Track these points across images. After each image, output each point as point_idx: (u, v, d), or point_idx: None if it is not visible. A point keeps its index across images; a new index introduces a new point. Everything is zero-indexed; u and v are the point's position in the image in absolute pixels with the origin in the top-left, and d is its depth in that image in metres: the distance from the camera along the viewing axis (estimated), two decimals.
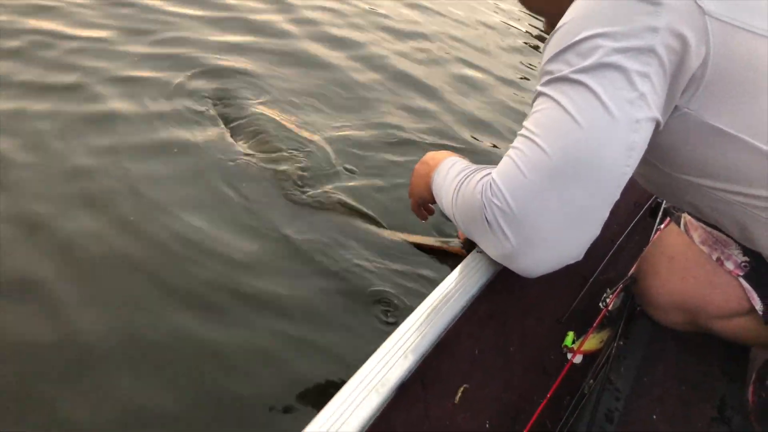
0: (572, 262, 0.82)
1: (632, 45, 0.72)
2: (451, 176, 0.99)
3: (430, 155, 1.15)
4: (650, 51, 0.72)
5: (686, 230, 1.16)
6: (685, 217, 1.18)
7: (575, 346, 1.09)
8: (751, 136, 0.76)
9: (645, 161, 0.89)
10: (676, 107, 0.78)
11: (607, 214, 0.80)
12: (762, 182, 0.79)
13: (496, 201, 0.79)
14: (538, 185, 0.76)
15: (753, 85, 0.74)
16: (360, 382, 0.70)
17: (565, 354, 1.10)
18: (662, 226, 1.46)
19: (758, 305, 1.03)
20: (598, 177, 0.75)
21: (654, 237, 1.42)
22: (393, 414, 0.72)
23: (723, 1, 0.73)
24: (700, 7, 0.71)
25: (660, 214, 1.52)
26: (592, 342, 1.14)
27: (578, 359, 1.10)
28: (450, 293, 0.87)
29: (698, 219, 1.12)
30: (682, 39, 0.72)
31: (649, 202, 1.64)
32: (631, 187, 1.54)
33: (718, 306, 1.09)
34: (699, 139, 0.80)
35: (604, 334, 1.17)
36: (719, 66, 0.73)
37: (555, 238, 0.78)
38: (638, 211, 1.59)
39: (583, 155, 0.74)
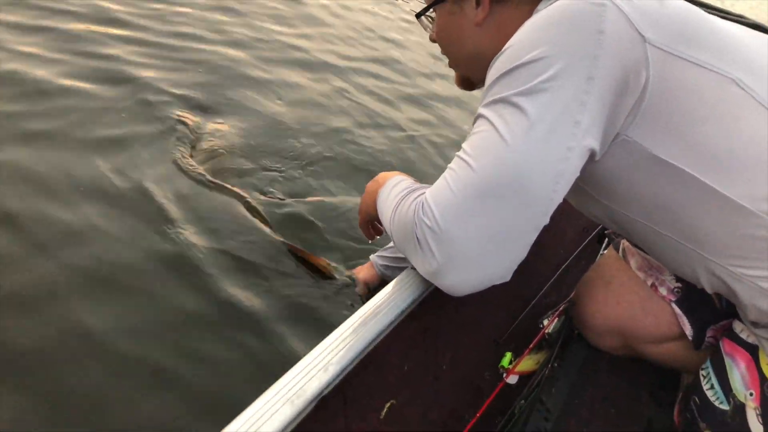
0: (498, 282, 0.82)
1: (572, 72, 0.73)
2: (393, 194, 1.00)
3: (382, 174, 1.15)
4: (589, 79, 0.73)
5: (624, 256, 1.19)
6: (624, 243, 1.20)
7: (511, 367, 1.10)
8: (687, 165, 0.77)
9: (580, 190, 0.90)
10: (616, 134, 0.78)
11: (533, 238, 0.80)
12: (696, 211, 0.80)
13: (426, 220, 0.79)
14: (465, 204, 0.76)
15: (690, 113, 0.75)
16: (276, 393, 0.69)
17: (501, 374, 1.11)
18: (605, 251, 1.49)
19: (688, 330, 1.05)
20: (524, 200, 0.75)
21: None
22: (309, 427, 0.71)
23: (663, 31, 0.75)
24: (641, 35, 0.73)
25: (606, 240, 1.55)
26: (528, 363, 1.15)
27: (513, 379, 1.11)
28: (379, 308, 0.87)
29: (635, 245, 1.15)
30: (623, 67, 0.73)
31: (598, 228, 1.67)
32: (579, 213, 1.58)
33: (650, 331, 1.11)
34: (636, 167, 0.81)
35: (540, 356, 1.18)
36: (658, 94, 0.75)
37: (479, 258, 0.78)
38: (585, 237, 1.62)
39: (509, 176, 0.74)
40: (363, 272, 1.72)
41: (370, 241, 1.45)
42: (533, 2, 0.89)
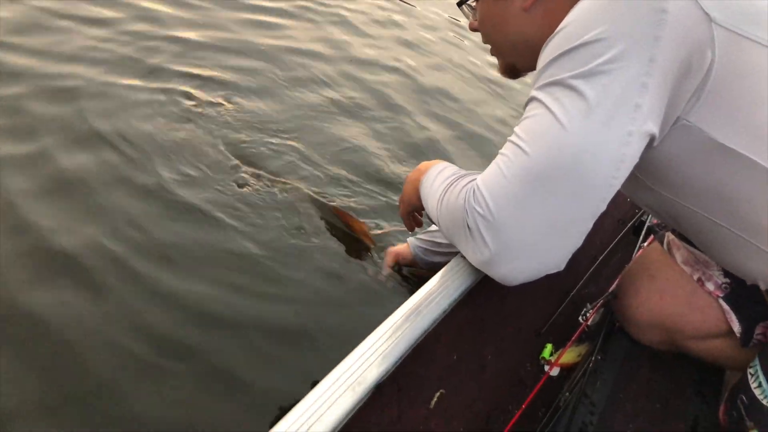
0: (552, 272, 0.81)
1: (633, 53, 0.70)
2: (438, 181, 0.99)
3: (424, 163, 1.14)
4: (651, 61, 0.70)
5: (669, 249, 1.17)
6: (669, 236, 1.18)
7: (553, 359, 1.09)
8: (750, 151, 0.74)
9: (633, 177, 0.88)
10: (677, 118, 0.76)
11: (590, 226, 0.78)
12: (758, 201, 0.78)
13: (478, 208, 0.78)
14: (521, 191, 0.75)
15: (755, 95, 0.73)
16: (335, 380, 0.69)
17: (542, 366, 1.10)
18: (645, 244, 1.47)
19: (736, 327, 1.03)
20: (583, 187, 0.74)
21: (636, 254, 1.43)
22: (367, 414, 0.71)
23: (728, 10, 0.72)
24: (707, 14, 0.70)
25: (643, 232, 1.53)
26: (570, 355, 1.14)
27: (555, 372, 1.10)
28: (431, 297, 0.86)
29: (681, 238, 1.13)
30: (687, 48, 0.70)
31: (633, 219, 1.65)
32: (616, 203, 1.56)
33: (695, 326, 1.09)
34: (696, 153, 0.78)
35: (582, 349, 1.17)
36: (722, 75, 0.72)
37: (534, 247, 0.77)
38: (622, 229, 1.60)
39: (568, 162, 0.72)
40: (400, 251, 1.71)
41: (410, 232, 1.44)
42: None
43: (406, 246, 1.67)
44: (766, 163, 0.74)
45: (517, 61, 1.05)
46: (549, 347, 1.12)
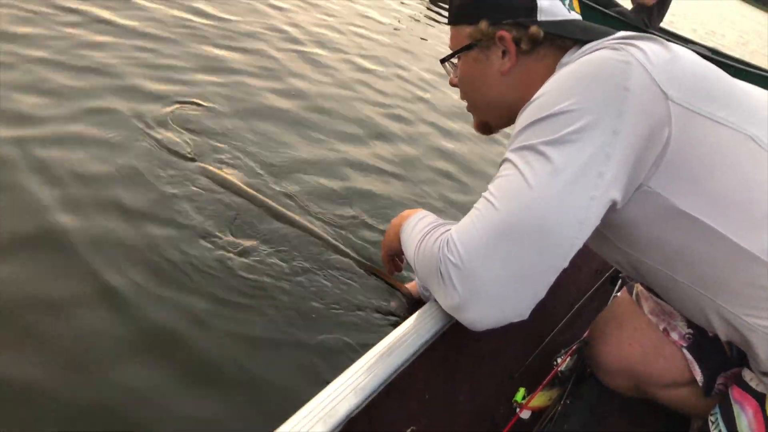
0: (516, 320, 0.86)
1: (599, 126, 0.78)
2: (417, 229, 1.05)
3: (407, 211, 1.21)
4: (615, 133, 0.78)
5: (637, 299, 1.22)
6: (637, 287, 1.24)
7: (524, 402, 1.13)
8: (706, 216, 0.81)
9: (601, 235, 0.95)
10: (639, 185, 0.83)
11: (552, 280, 0.84)
12: (714, 262, 0.84)
13: (450, 256, 0.84)
14: (488, 242, 0.81)
15: (709, 166, 0.80)
16: (309, 413, 0.73)
17: (515, 409, 1.14)
18: (619, 293, 1.52)
19: (699, 377, 1.08)
20: (545, 243, 0.80)
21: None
22: None
23: (685, 89, 0.80)
24: (664, 93, 0.79)
25: (619, 282, 1.58)
26: (541, 399, 1.18)
27: (526, 414, 1.14)
28: (405, 336, 0.91)
29: (649, 290, 1.18)
30: (647, 123, 0.78)
31: (611, 271, 1.70)
32: (593, 255, 1.61)
33: (660, 374, 1.13)
34: (656, 216, 0.85)
35: (553, 393, 1.21)
36: (679, 148, 0.80)
37: (499, 296, 0.83)
38: (599, 278, 1.65)
39: (533, 220, 0.79)
40: (412, 286, 1.78)
41: (390, 275, 1.50)
42: (556, 56, 0.97)
43: (413, 284, 1.75)
44: (720, 228, 0.81)
45: (491, 119, 1.13)
46: (522, 391, 1.16)
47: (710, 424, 1.02)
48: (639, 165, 0.80)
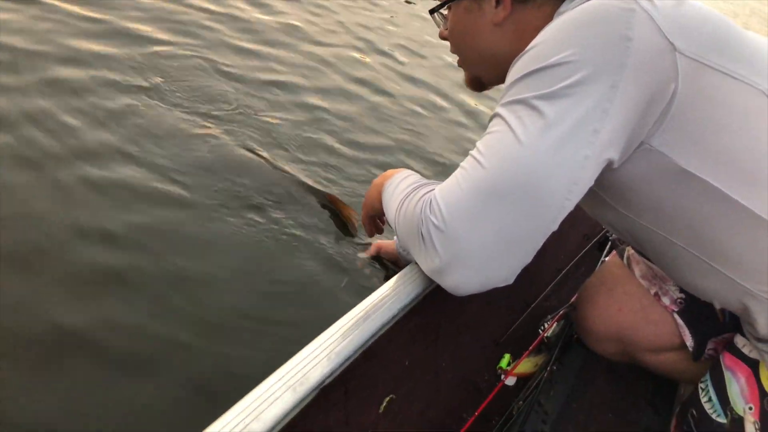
0: (501, 285, 0.81)
1: (596, 79, 0.71)
2: (400, 189, 0.99)
3: (389, 170, 1.15)
4: (613, 87, 0.71)
5: (628, 263, 1.18)
6: (629, 251, 1.20)
7: (509, 368, 1.10)
8: (710, 176, 0.76)
9: (596, 196, 0.89)
10: (640, 143, 0.77)
11: (539, 244, 0.78)
12: (716, 224, 0.79)
13: (432, 218, 0.78)
14: (474, 204, 0.75)
15: (717, 123, 0.74)
16: (278, 380, 0.68)
17: (499, 375, 1.10)
18: (607, 258, 1.49)
19: (689, 342, 1.05)
20: (534, 204, 0.74)
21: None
22: (311, 415, 0.70)
23: (694, 40, 0.73)
24: (671, 43, 0.72)
25: (608, 247, 1.55)
26: (527, 365, 1.15)
27: (511, 381, 1.11)
28: (383, 300, 0.86)
29: (640, 253, 1.14)
30: (650, 76, 0.71)
31: (599, 236, 1.67)
32: (581, 219, 1.58)
33: (650, 339, 1.11)
34: (658, 177, 0.79)
35: (539, 359, 1.18)
36: (686, 103, 0.73)
37: (483, 259, 0.77)
38: (586, 244, 1.62)
39: (521, 179, 0.73)
40: (384, 245, 1.73)
41: (370, 237, 1.44)
42: (554, 5, 0.89)
43: (392, 242, 1.69)
44: (724, 189, 0.76)
45: (483, 74, 1.06)
46: (507, 357, 1.13)
47: (700, 391, 0.99)
48: (640, 122, 0.74)
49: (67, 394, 1.17)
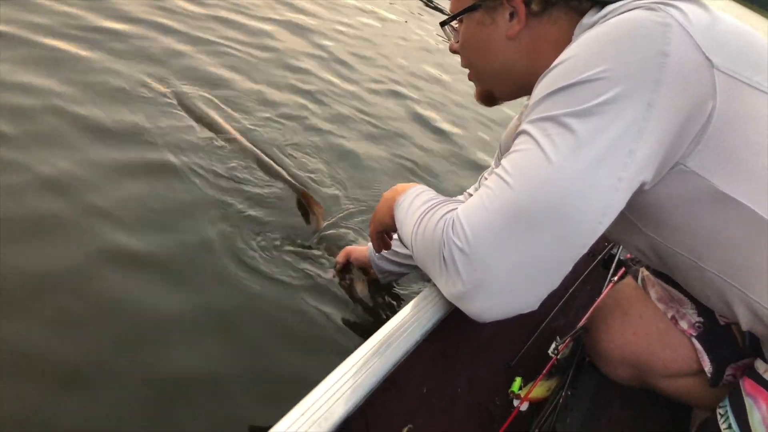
0: (526, 312, 0.77)
1: (632, 97, 0.67)
2: (416, 205, 0.95)
3: (401, 184, 1.10)
4: (650, 105, 0.67)
5: (643, 285, 1.16)
6: (643, 272, 1.17)
7: (522, 393, 1.07)
8: (747, 199, 0.73)
9: (622, 217, 0.85)
10: (675, 163, 0.73)
11: (569, 269, 0.75)
12: (750, 249, 0.76)
13: (456, 240, 0.74)
14: (502, 227, 0.71)
15: (755, 142, 0.71)
16: (302, 415, 0.64)
17: (511, 400, 1.07)
18: (615, 277, 1.47)
19: (707, 367, 1.02)
20: (565, 229, 0.70)
21: (607, 288, 1.42)
22: None
23: (730, 55, 0.70)
24: (708, 59, 0.69)
25: (614, 265, 1.53)
26: (540, 390, 1.12)
27: (524, 407, 1.07)
28: (404, 326, 0.83)
29: (656, 275, 1.12)
30: (687, 94, 0.68)
31: (603, 253, 1.65)
32: None
33: (666, 365, 1.08)
34: (691, 198, 0.76)
35: (551, 383, 1.15)
36: (723, 122, 0.70)
37: (509, 286, 0.73)
38: (592, 261, 1.59)
39: (553, 202, 0.69)
40: (354, 250, 1.67)
41: (378, 252, 1.39)
42: (572, 19, 0.86)
43: (365, 248, 1.62)
44: (760, 212, 0.73)
45: (495, 88, 1.03)
46: (518, 380, 1.10)
47: (719, 417, 0.96)
48: (676, 142, 0.71)
49: None
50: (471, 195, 1.37)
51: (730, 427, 0.94)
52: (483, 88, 1.05)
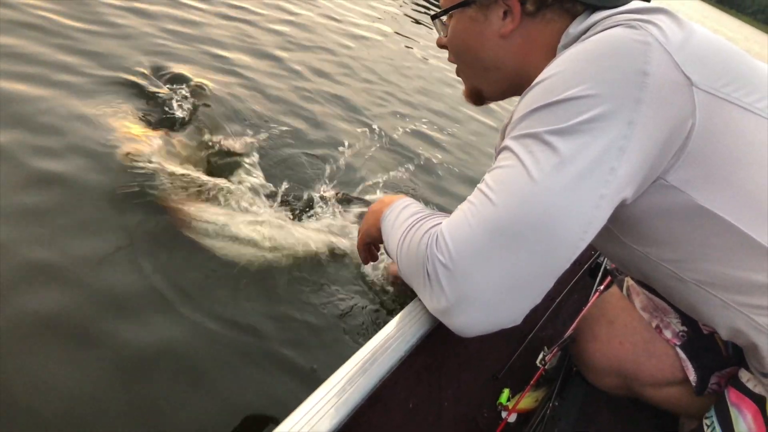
0: (508, 326, 0.77)
1: (613, 116, 0.68)
2: (402, 218, 0.95)
3: (388, 196, 1.10)
4: (631, 124, 0.68)
5: (628, 295, 1.16)
6: (628, 281, 1.18)
7: (510, 404, 1.07)
8: (727, 213, 0.74)
9: (605, 229, 0.86)
10: (656, 178, 0.74)
11: (551, 284, 0.75)
12: (728, 260, 0.78)
13: (439, 255, 0.74)
14: (484, 243, 0.71)
15: (734, 158, 0.72)
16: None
17: (500, 411, 1.07)
18: (601, 287, 1.47)
19: (692, 376, 1.03)
20: (547, 245, 0.70)
21: (594, 298, 1.42)
22: None
23: (709, 72, 0.71)
24: (688, 78, 0.70)
25: (600, 274, 1.54)
26: (528, 401, 1.12)
27: (513, 418, 1.07)
28: (389, 341, 0.82)
29: (641, 285, 1.12)
30: (667, 112, 0.69)
31: (590, 261, 1.66)
32: None
33: (652, 374, 1.08)
34: (671, 212, 0.77)
35: (539, 394, 1.15)
36: (703, 138, 0.71)
37: (492, 301, 0.73)
38: (578, 270, 1.60)
39: (535, 219, 0.69)
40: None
41: (364, 264, 1.39)
42: (563, 21, 0.86)
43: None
44: (742, 226, 0.74)
45: (484, 86, 1.02)
46: (506, 392, 1.10)
47: (705, 427, 0.97)
48: (657, 159, 0.72)
49: None
50: None
51: None
52: (471, 86, 1.05)
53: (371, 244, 1.23)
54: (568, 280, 1.55)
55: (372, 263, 1.31)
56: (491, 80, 0.99)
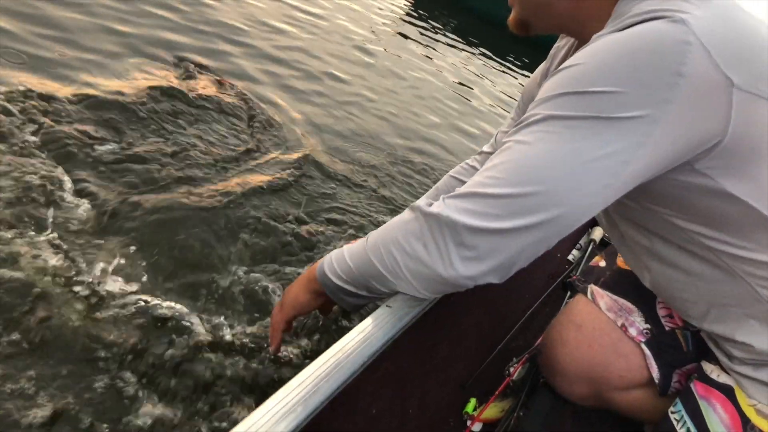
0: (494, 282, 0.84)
1: (639, 114, 0.70)
2: (350, 246, 0.98)
3: (307, 269, 1.10)
4: (654, 122, 0.70)
5: (593, 299, 1.18)
6: (592, 287, 1.20)
7: (475, 414, 1.08)
8: (752, 200, 0.78)
9: (624, 206, 0.93)
10: (685, 162, 0.77)
11: (538, 254, 0.82)
12: (750, 237, 0.83)
13: (461, 218, 0.79)
14: (486, 211, 0.78)
15: (766, 153, 0.75)
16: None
17: (465, 421, 1.08)
18: (572, 298, 1.49)
19: (655, 373, 1.05)
20: (545, 219, 0.77)
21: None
22: None
23: (750, 70, 0.72)
24: (728, 78, 0.70)
25: (570, 289, 1.56)
26: (493, 410, 1.13)
27: (477, 427, 1.08)
28: (352, 348, 0.84)
29: (604, 287, 1.17)
30: (701, 112, 0.71)
31: (563, 275, 1.68)
32: (547, 259, 1.58)
33: (620, 375, 1.09)
34: (695, 189, 0.80)
35: (505, 404, 1.16)
36: (738, 135, 0.73)
37: (488, 258, 0.80)
38: (551, 283, 1.62)
39: (536, 195, 0.75)
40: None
41: (272, 353, 1.27)
42: None
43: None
44: (764, 210, 0.79)
45: (533, 18, 1.01)
46: (473, 402, 1.11)
47: (674, 422, 0.99)
48: (681, 154, 0.75)
49: None
50: (486, 152, 1.45)
51: (688, 430, 0.97)
52: (520, 15, 1.03)
53: (293, 319, 1.12)
54: (541, 293, 1.57)
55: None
56: (543, 13, 0.98)
